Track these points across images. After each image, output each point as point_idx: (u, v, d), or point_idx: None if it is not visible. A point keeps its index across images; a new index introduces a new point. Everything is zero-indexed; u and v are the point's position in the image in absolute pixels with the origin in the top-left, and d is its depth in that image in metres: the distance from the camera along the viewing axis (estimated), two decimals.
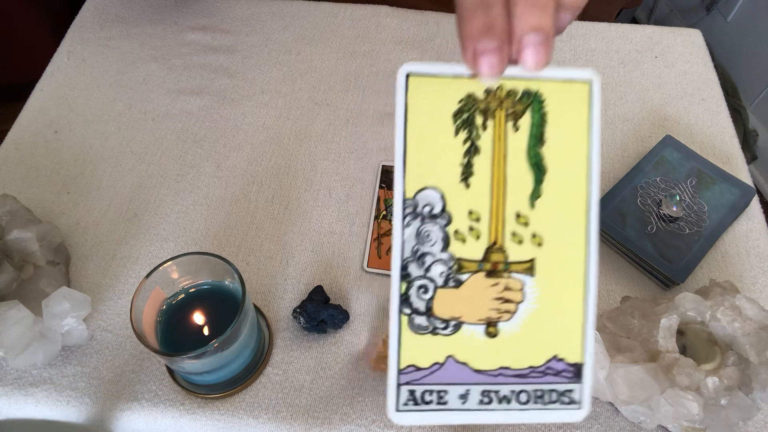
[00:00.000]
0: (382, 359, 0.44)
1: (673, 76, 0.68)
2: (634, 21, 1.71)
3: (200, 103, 0.63)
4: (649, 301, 0.46)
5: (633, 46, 0.71)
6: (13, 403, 0.45)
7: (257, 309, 0.49)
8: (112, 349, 0.47)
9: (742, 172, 0.59)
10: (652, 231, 0.52)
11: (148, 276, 0.40)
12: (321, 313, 0.47)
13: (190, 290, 0.44)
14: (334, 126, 0.62)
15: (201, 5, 0.72)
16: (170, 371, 0.46)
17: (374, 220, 0.54)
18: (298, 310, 0.47)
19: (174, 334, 0.42)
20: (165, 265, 0.41)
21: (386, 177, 0.57)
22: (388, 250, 0.52)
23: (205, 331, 0.42)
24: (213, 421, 0.44)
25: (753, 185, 0.57)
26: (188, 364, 0.39)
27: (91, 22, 0.70)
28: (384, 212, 0.55)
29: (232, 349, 0.40)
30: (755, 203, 0.57)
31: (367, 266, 0.51)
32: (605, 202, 0.54)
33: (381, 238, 0.53)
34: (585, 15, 0.99)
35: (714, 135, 0.63)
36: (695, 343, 0.43)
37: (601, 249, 0.54)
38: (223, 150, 0.59)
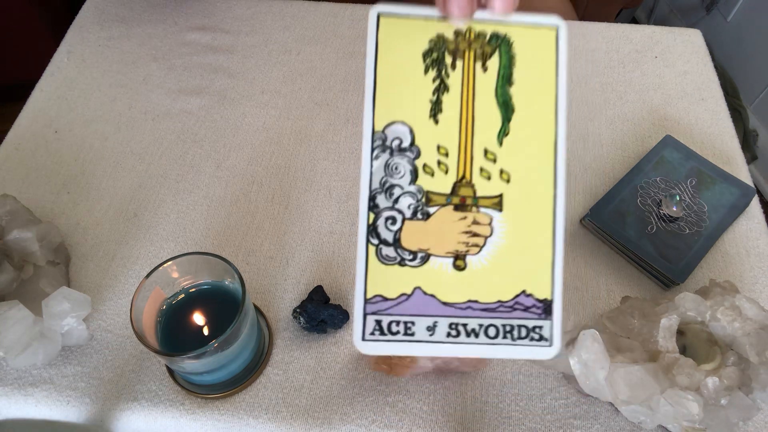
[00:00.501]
0: (382, 359, 0.44)
1: (673, 76, 0.68)
2: (634, 21, 1.71)
3: (200, 103, 0.63)
4: (649, 301, 0.46)
5: (633, 46, 0.71)
6: (13, 403, 0.45)
7: (257, 309, 0.49)
8: (112, 349, 0.47)
9: (742, 172, 0.59)
10: (652, 231, 0.52)
11: (148, 276, 0.40)
12: (321, 313, 0.47)
13: (190, 290, 0.44)
14: (334, 126, 0.62)
15: (201, 5, 0.72)
16: (170, 371, 0.46)
17: None
18: (298, 310, 0.47)
19: (174, 334, 0.42)
20: (165, 265, 0.41)
21: None
22: None
23: (205, 331, 0.42)
24: (213, 421, 0.44)
25: (753, 185, 0.57)
26: (188, 364, 0.39)
27: (91, 22, 0.70)
28: None
29: (232, 349, 0.40)
30: (755, 203, 0.57)
31: None
32: (605, 202, 0.54)
33: None
34: (585, 15, 0.99)
35: (714, 135, 0.63)
36: (695, 343, 0.43)
37: (601, 249, 0.54)
38: (223, 150, 0.59)
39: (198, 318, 0.42)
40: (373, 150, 0.27)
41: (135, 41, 0.68)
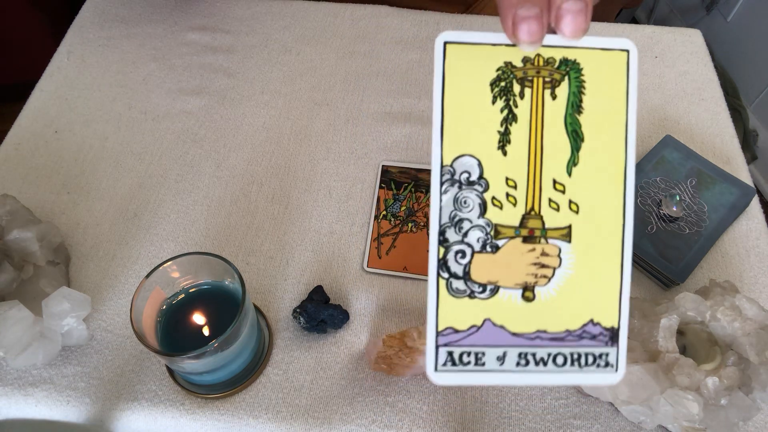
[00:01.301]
0: (382, 359, 0.44)
1: (673, 76, 0.68)
2: (634, 21, 1.71)
3: (200, 103, 0.63)
4: (649, 301, 0.46)
5: None
6: (13, 403, 0.45)
7: (257, 309, 0.49)
8: (112, 349, 0.47)
9: (742, 172, 0.59)
10: (652, 231, 0.52)
11: (148, 276, 0.40)
12: (321, 313, 0.47)
13: (190, 290, 0.44)
14: (334, 126, 0.62)
15: (201, 5, 0.72)
16: (170, 371, 0.46)
17: (374, 220, 0.54)
18: (298, 310, 0.47)
19: (174, 334, 0.42)
20: (165, 265, 0.41)
21: (386, 177, 0.57)
22: (389, 250, 0.52)
23: (205, 331, 0.42)
24: (213, 421, 0.44)
25: (753, 185, 0.57)
26: (188, 364, 0.39)
27: (91, 22, 0.70)
28: (384, 212, 0.55)
29: (232, 349, 0.40)
30: (755, 203, 0.57)
31: (367, 266, 0.51)
32: None
33: (381, 238, 0.53)
34: None
35: (714, 135, 0.63)
36: (695, 343, 0.43)
37: None
38: (223, 150, 0.59)
39: (198, 318, 0.42)
40: (442, 184, 0.27)
41: (135, 41, 0.68)
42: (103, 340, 0.47)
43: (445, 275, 0.27)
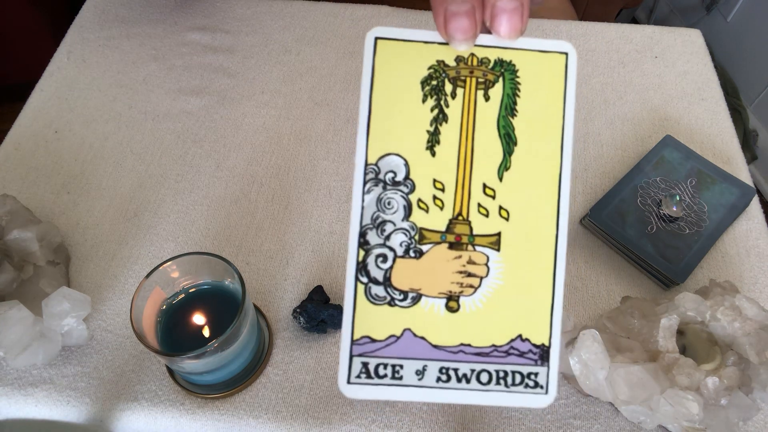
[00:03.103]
0: None
1: (673, 76, 0.68)
2: (634, 21, 1.71)
3: (200, 103, 0.63)
4: (649, 301, 0.46)
5: (633, 46, 0.71)
6: (13, 403, 0.45)
7: (257, 309, 0.49)
8: (112, 349, 0.47)
9: (742, 172, 0.59)
10: (652, 231, 0.52)
11: (148, 276, 0.40)
12: (321, 313, 0.47)
13: (190, 290, 0.44)
14: (334, 126, 0.62)
15: (201, 5, 0.72)
16: (170, 371, 0.46)
17: None
18: (298, 310, 0.47)
19: (174, 334, 0.42)
20: (165, 265, 0.41)
21: None
22: None
23: (205, 331, 0.42)
24: (213, 421, 0.44)
25: (753, 185, 0.57)
26: (188, 364, 0.39)
27: (91, 22, 0.70)
28: None
29: (232, 349, 0.40)
30: (755, 203, 0.57)
31: None
32: (605, 202, 0.54)
33: None
34: (585, 15, 0.99)
35: (714, 135, 0.63)
36: (695, 343, 0.43)
37: (601, 249, 0.54)
38: (223, 150, 0.59)
39: (198, 318, 0.42)
40: (365, 183, 0.26)
41: (135, 41, 0.68)
42: (103, 340, 0.47)
43: (364, 280, 0.25)
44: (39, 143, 0.59)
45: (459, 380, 0.25)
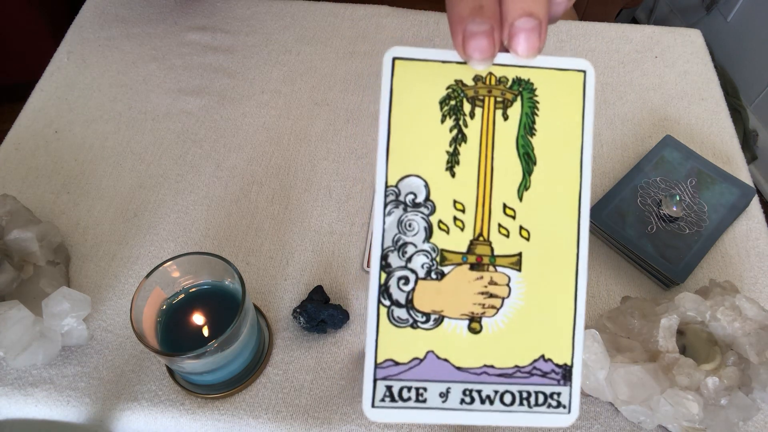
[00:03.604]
0: None
1: (673, 76, 0.68)
2: (634, 21, 1.71)
3: (200, 103, 0.63)
4: (649, 301, 0.46)
5: (633, 46, 0.71)
6: (13, 403, 0.45)
7: (257, 309, 0.49)
8: (112, 349, 0.47)
9: (742, 172, 0.59)
10: (652, 231, 0.52)
11: (148, 276, 0.40)
12: (321, 313, 0.47)
13: (190, 290, 0.44)
14: (334, 126, 0.62)
15: (201, 5, 0.72)
16: (170, 371, 0.46)
17: None
18: (298, 310, 0.47)
19: (174, 334, 0.42)
20: (165, 265, 0.41)
21: None
22: None
23: (205, 331, 0.42)
24: (213, 421, 0.44)
25: (753, 185, 0.57)
26: (188, 364, 0.39)
27: (91, 22, 0.70)
28: None
29: (232, 349, 0.40)
30: (755, 203, 0.57)
31: (367, 266, 0.51)
32: (605, 202, 0.54)
33: None
34: (585, 15, 0.99)
35: (714, 135, 0.63)
36: (695, 343, 0.43)
37: (601, 249, 0.54)
38: (223, 150, 0.59)
39: (198, 318, 0.42)
40: (386, 206, 0.25)
41: (135, 41, 0.68)
42: (103, 340, 0.47)
43: (387, 303, 0.25)
44: (39, 143, 0.59)
45: (483, 402, 0.25)
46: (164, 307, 0.43)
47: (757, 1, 1.34)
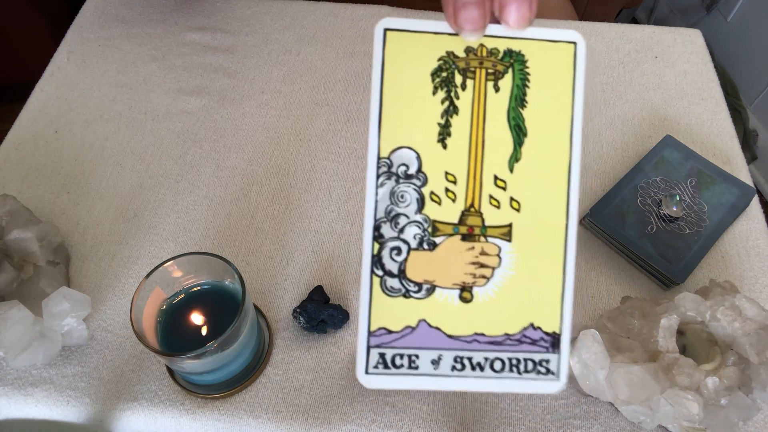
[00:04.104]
0: None
1: (673, 76, 0.68)
2: (634, 21, 1.71)
3: (200, 103, 0.63)
4: (649, 301, 0.46)
5: (633, 46, 0.71)
6: (13, 403, 0.45)
7: (257, 309, 0.49)
8: (112, 349, 0.47)
9: (742, 172, 0.59)
10: (652, 231, 0.52)
11: (148, 276, 0.40)
12: (321, 313, 0.47)
13: (190, 290, 0.44)
14: (334, 126, 0.62)
15: (201, 5, 0.72)
16: (170, 371, 0.46)
17: None
18: (298, 310, 0.47)
19: (174, 334, 0.42)
20: (165, 265, 0.41)
21: None
22: None
23: (205, 331, 0.42)
24: (213, 421, 0.44)
25: (753, 185, 0.57)
26: (188, 364, 0.39)
27: (91, 22, 0.70)
28: None
29: (232, 349, 0.40)
30: (755, 203, 0.57)
31: None
32: (605, 202, 0.54)
33: None
34: (585, 15, 0.99)
35: (714, 135, 0.63)
36: (695, 343, 0.43)
37: (601, 249, 0.54)
38: (223, 150, 0.59)
39: (198, 318, 0.42)
40: (378, 177, 0.26)
41: (135, 41, 0.68)
42: (103, 340, 0.47)
43: (380, 273, 0.26)
44: (39, 143, 0.59)
45: (473, 368, 0.26)
46: (164, 307, 0.43)
47: (757, 1, 1.34)
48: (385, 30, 0.26)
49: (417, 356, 0.26)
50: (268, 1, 0.73)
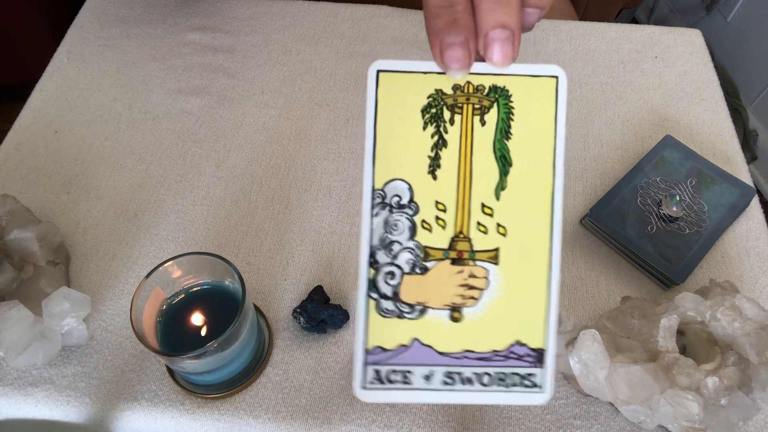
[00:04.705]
0: None
1: (673, 76, 0.68)
2: (634, 21, 1.71)
3: (200, 103, 0.63)
4: (649, 301, 0.46)
5: (633, 46, 0.71)
6: (13, 403, 0.45)
7: (257, 309, 0.49)
8: (112, 349, 0.47)
9: (742, 172, 0.59)
10: (652, 231, 0.52)
11: (148, 276, 0.40)
12: (321, 313, 0.47)
13: (190, 290, 0.44)
14: (334, 126, 0.62)
15: (201, 5, 0.72)
16: (170, 371, 0.46)
17: None
18: (298, 310, 0.47)
19: (174, 334, 0.42)
20: (165, 265, 0.41)
21: None
22: None
23: (205, 331, 0.42)
24: (213, 421, 0.44)
25: (753, 185, 0.57)
26: (188, 364, 0.39)
27: (91, 22, 0.70)
28: None
29: (232, 349, 0.40)
30: (755, 203, 0.57)
31: None
32: (605, 202, 0.54)
33: None
34: (585, 15, 0.99)
35: (714, 135, 0.63)
36: (695, 343, 0.43)
37: (601, 249, 0.54)
38: (223, 150, 0.59)
39: (198, 318, 0.42)
40: (373, 207, 0.28)
41: (135, 41, 0.68)
42: (103, 340, 0.47)
43: (375, 296, 0.27)
44: (39, 143, 0.59)
45: (463, 383, 0.28)
46: (164, 307, 0.43)
47: (757, 1, 1.34)
48: (378, 71, 0.28)
49: (410, 372, 0.27)
50: (268, 1, 0.73)
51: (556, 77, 0.28)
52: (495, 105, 0.28)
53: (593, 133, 0.62)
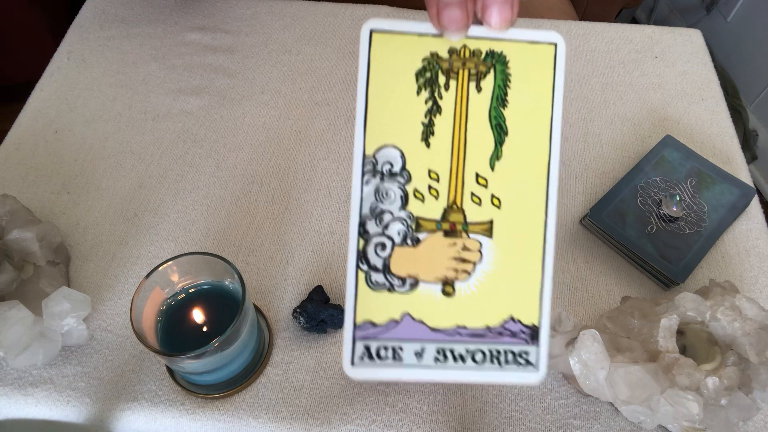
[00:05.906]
0: None
1: (673, 76, 0.68)
2: (634, 21, 1.71)
3: (200, 103, 0.63)
4: (649, 301, 0.46)
5: (633, 46, 0.71)
6: (13, 403, 0.45)
7: (257, 309, 0.49)
8: (112, 349, 0.47)
9: (742, 172, 0.59)
10: (652, 231, 0.52)
11: (148, 276, 0.40)
12: (321, 313, 0.47)
13: (190, 290, 0.44)
14: (334, 126, 0.62)
15: (201, 5, 0.72)
16: (170, 371, 0.46)
17: None
18: (298, 310, 0.47)
19: (174, 334, 0.42)
20: (165, 265, 0.41)
21: None
22: None
23: (205, 331, 0.42)
24: (213, 421, 0.44)
25: (753, 185, 0.57)
26: (188, 364, 0.39)
27: (91, 22, 0.70)
28: None
29: (232, 349, 0.40)
30: (755, 203, 0.57)
31: None
32: (605, 202, 0.54)
33: None
34: (585, 15, 0.99)
35: (714, 135, 0.63)
36: (695, 343, 0.43)
37: (601, 249, 0.54)
38: (223, 150, 0.59)
39: (198, 318, 0.42)
40: (363, 175, 0.27)
41: (135, 41, 0.68)
42: (103, 340, 0.47)
43: (365, 268, 0.27)
44: (39, 143, 0.59)
45: (455, 360, 0.27)
46: (164, 307, 0.43)
47: (757, 1, 1.34)
48: (371, 31, 0.27)
49: (401, 348, 0.27)
50: (268, 1, 0.73)
51: (555, 44, 0.27)
52: (492, 71, 0.27)
53: (593, 133, 0.62)
